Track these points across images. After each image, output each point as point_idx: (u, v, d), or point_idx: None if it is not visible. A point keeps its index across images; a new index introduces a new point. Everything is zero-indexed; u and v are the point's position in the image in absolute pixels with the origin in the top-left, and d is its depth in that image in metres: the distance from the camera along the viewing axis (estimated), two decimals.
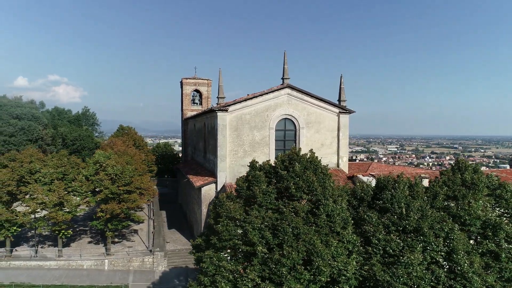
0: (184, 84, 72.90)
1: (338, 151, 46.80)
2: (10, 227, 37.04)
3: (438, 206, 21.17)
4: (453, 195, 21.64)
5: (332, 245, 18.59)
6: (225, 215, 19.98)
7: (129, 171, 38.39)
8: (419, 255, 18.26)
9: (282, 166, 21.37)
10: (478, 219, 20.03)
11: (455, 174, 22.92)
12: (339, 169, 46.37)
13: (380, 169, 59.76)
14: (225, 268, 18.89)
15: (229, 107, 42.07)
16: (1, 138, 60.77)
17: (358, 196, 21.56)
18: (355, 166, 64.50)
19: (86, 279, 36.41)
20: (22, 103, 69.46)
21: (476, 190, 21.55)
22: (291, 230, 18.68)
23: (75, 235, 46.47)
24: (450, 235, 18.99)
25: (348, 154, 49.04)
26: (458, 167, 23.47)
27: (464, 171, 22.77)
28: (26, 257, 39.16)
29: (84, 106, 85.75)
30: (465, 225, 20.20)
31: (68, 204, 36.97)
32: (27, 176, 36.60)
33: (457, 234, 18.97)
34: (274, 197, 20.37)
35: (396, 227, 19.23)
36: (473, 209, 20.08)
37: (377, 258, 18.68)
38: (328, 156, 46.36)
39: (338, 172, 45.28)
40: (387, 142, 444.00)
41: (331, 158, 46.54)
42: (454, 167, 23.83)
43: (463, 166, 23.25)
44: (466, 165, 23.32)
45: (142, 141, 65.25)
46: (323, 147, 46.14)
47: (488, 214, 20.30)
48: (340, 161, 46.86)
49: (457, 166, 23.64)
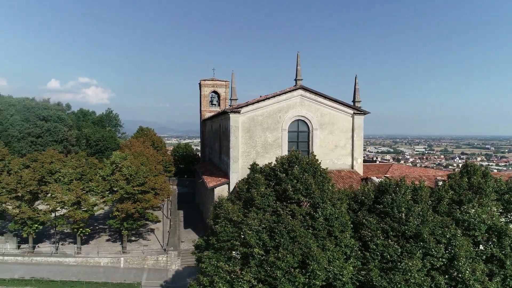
0: (202, 85, 73.89)
1: (352, 153, 46.18)
2: (32, 224, 38.80)
3: (443, 210, 20.65)
4: (458, 200, 21.04)
5: (329, 249, 18.50)
6: (223, 216, 20.27)
7: (143, 172, 39.40)
8: (418, 261, 17.89)
9: (281, 169, 21.44)
10: (483, 224, 19.39)
11: (462, 178, 22.27)
12: (354, 170, 45.77)
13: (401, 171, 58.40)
14: (222, 269, 19.15)
15: (241, 109, 42.36)
16: (29, 139, 63.65)
17: (359, 199, 21.33)
18: (374, 167, 63.35)
19: (102, 276, 37.67)
20: (49, 105, 72.47)
21: (483, 194, 20.87)
22: (288, 233, 18.73)
23: (94, 233, 48.14)
24: (452, 241, 18.49)
25: (362, 155, 48.35)
26: (467, 171, 22.78)
27: (472, 175, 22.08)
28: (47, 253, 40.96)
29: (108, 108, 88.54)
30: (470, 230, 19.61)
31: (85, 203, 38.39)
32: (48, 176, 38.26)
33: (459, 240, 18.45)
34: (272, 200, 20.47)
35: (395, 232, 18.91)
36: (478, 214, 19.46)
37: (375, 263, 18.44)
38: (342, 157, 45.88)
39: (352, 174, 44.77)
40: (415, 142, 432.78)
41: (345, 160, 46.01)
42: (463, 170, 23.15)
43: (472, 170, 22.55)
44: (475, 169, 22.60)
45: (160, 142, 66.66)
46: (337, 148, 45.68)
47: (494, 219, 19.62)
48: (355, 163, 46.22)
49: (465, 169, 22.95)
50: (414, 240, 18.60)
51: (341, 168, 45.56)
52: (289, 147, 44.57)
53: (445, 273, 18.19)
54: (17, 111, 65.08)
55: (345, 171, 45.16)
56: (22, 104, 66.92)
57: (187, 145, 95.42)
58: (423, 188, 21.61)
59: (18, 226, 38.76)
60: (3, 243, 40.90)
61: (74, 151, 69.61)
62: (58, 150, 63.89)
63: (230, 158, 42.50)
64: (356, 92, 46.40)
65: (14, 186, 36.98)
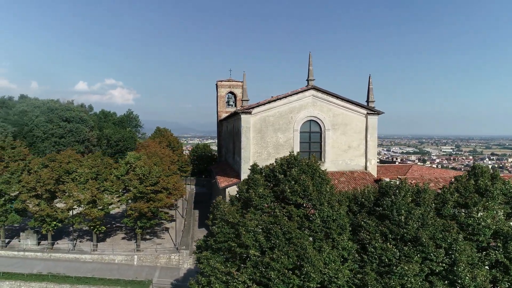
0: (218, 86, 74.57)
1: (366, 154, 45.48)
2: (51, 221, 40.34)
3: (446, 213, 20.08)
4: (464, 203, 20.40)
5: (325, 252, 18.36)
6: (219, 217, 20.47)
7: (155, 172, 40.20)
8: (416, 265, 17.48)
9: (280, 170, 21.44)
10: (487, 229, 18.74)
11: (469, 180, 21.58)
12: (367, 172, 45.08)
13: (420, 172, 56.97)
14: (219, 269, 19.35)
15: (252, 110, 42.51)
16: (52, 139, 66.12)
17: (359, 201, 21.04)
18: (393, 168, 62.08)
19: (115, 273, 38.70)
20: (72, 107, 75.02)
21: (490, 197, 20.16)
22: (283, 234, 18.72)
23: (111, 231, 49.50)
24: (453, 245, 17.96)
25: (376, 156, 47.53)
26: (474, 173, 22.05)
27: (480, 177, 21.36)
28: (65, 250, 42.48)
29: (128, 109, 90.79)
30: (474, 235, 18.99)
31: (100, 202, 39.57)
32: (65, 175, 39.67)
33: (460, 245, 17.90)
34: (270, 201, 20.50)
35: (394, 235, 18.55)
36: (483, 217, 18.82)
37: (372, 267, 18.15)
38: (356, 158, 45.28)
39: (365, 175, 44.11)
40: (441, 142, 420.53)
41: (359, 161, 45.38)
42: (470, 172, 22.43)
43: (479, 172, 21.81)
44: (483, 171, 21.85)
45: (177, 143, 67.76)
46: (350, 149, 45.13)
47: (500, 224, 18.92)
48: (368, 164, 45.50)
49: (473, 171, 22.22)
50: (412, 244, 18.18)
51: (354, 169, 44.97)
52: (301, 148, 44.42)
53: (445, 278, 17.69)
54: (42, 112, 67.74)
55: (358, 172, 44.54)
56: (46, 106, 69.59)
57: (205, 145, 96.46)
58: (427, 190, 21.07)
59: (37, 223, 40.40)
60: (24, 239, 42.70)
61: (95, 151, 71.79)
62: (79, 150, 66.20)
63: (241, 159, 42.75)
64: (370, 92, 45.67)
65: (33, 185, 38.55)
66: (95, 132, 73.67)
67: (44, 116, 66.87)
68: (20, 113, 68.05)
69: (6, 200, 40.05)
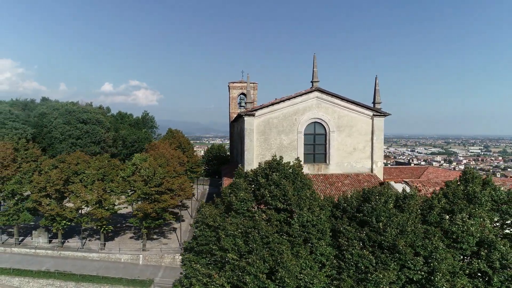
0: (230, 88, 75.06)
1: (372, 156, 44.69)
2: (61, 220, 41.78)
3: (432, 220, 19.56)
4: (450, 209, 19.80)
5: (302, 257, 18.28)
6: (201, 221, 20.72)
7: (160, 173, 40.94)
8: (392, 273, 17.13)
9: (263, 174, 21.48)
10: (471, 236, 18.12)
11: (459, 186, 20.94)
12: (373, 174, 44.28)
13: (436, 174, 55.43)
14: (199, 271, 19.62)
15: (256, 112, 42.61)
16: (69, 140, 68.36)
17: (341, 207, 20.79)
18: (408, 170, 60.70)
19: (120, 272, 39.68)
20: (89, 108, 77.28)
21: (478, 204, 19.48)
22: (261, 239, 18.77)
23: (120, 230, 50.75)
24: (434, 254, 17.48)
25: (383, 158, 46.56)
26: (465, 178, 21.36)
27: (470, 183, 20.67)
28: (74, 248, 43.90)
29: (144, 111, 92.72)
30: (457, 242, 18.41)
31: (106, 203, 40.69)
32: (73, 176, 41.01)
33: (440, 253, 17.41)
34: (251, 205, 20.58)
35: (372, 242, 18.25)
36: (467, 225, 18.22)
37: (349, 273, 17.92)
38: (361, 161, 44.59)
39: (370, 177, 43.35)
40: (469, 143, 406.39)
41: (365, 163, 44.66)
42: (461, 177, 21.74)
43: (470, 177, 21.10)
44: (474, 176, 21.12)
45: (188, 144, 68.67)
46: (355, 151, 44.48)
47: (485, 232, 18.25)
48: (374, 166, 44.70)
49: (464, 177, 21.53)
50: (390, 251, 17.83)
51: (360, 172, 44.29)
52: (305, 150, 44.18)
53: (423, 287, 17.24)
54: (60, 114, 70.14)
55: (363, 174, 43.83)
56: (64, 108, 72.01)
57: (220, 146, 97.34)
58: (414, 196, 20.61)
59: (48, 222, 41.96)
60: (36, 237, 44.45)
61: (111, 152, 73.70)
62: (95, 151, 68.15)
63: (244, 161, 42.93)
64: (376, 93, 44.87)
65: (43, 185, 40.05)
66: (111, 133, 75.62)
67: (62, 118, 69.22)
68: (40, 115, 70.75)
69: (18, 199, 41.77)
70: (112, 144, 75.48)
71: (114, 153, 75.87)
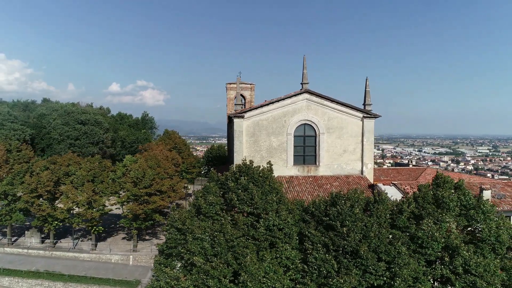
0: (228, 88, 75.10)
1: (362, 158, 44.44)
2: (53, 221, 42.34)
3: (401, 225, 19.47)
4: (419, 214, 19.69)
5: (266, 260, 18.33)
6: (170, 224, 20.89)
7: (149, 175, 41.25)
8: (354, 278, 17.11)
9: (233, 178, 21.57)
10: (435, 242, 18.00)
11: (429, 191, 20.81)
12: (363, 176, 44.05)
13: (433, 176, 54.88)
14: (168, 274, 19.79)
15: (245, 114, 42.68)
16: (67, 141, 69.21)
17: (309, 211, 20.79)
18: (406, 171, 60.23)
19: (109, 272, 40.07)
20: (88, 109, 78.13)
21: (446, 209, 19.34)
22: (226, 242, 18.86)
23: (113, 231, 51.24)
24: (396, 259, 17.41)
25: (373, 160, 46.29)
26: (437, 183, 21.21)
27: (441, 187, 20.53)
28: (66, 248, 44.46)
29: (144, 111, 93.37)
30: (422, 248, 18.32)
31: (96, 204, 41.13)
32: (64, 177, 41.53)
33: (403, 258, 17.34)
34: (219, 208, 20.68)
35: (335, 246, 18.24)
36: (431, 230, 18.11)
37: (312, 278, 17.94)
38: (351, 162, 44.35)
39: (360, 179, 43.14)
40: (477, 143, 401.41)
41: (355, 165, 44.42)
42: (433, 182, 21.60)
43: (441, 182, 20.95)
44: (445, 180, 20.96)
45: (183, 145, 69.02)
46: (345, 153, 44.29)
47: (451, 237, 18.11)
48: (364, 168, 44.44)
49: (436, 181, 21.39)
50: (352, 256, 17.80)
51: (350, 174, 44.07)
52: (295, 152, 44.10)
53: None
54: (59, 115, 71.04)
55: (353, 176, 43.61)
56: (63, 109, 72.91)
57: (220, 146, 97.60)
58: (384, 200, 20.53)
59: (40, 223, 42.55)
60: (29, 237, 45.10)
61: (110, 152, 74.43)
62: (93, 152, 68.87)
63: (234, 162, 43.02)
64: (367, 94, 44.63)
65: (34, 186, 40.62)
66: (109, 134, 76.33)
67: (61, 119, 70.09)
68: (39, 116, 71.74)
69: (10, 200, 42.42)
70: (111, 145, 76.18)
71: (112, 153, 76.60)
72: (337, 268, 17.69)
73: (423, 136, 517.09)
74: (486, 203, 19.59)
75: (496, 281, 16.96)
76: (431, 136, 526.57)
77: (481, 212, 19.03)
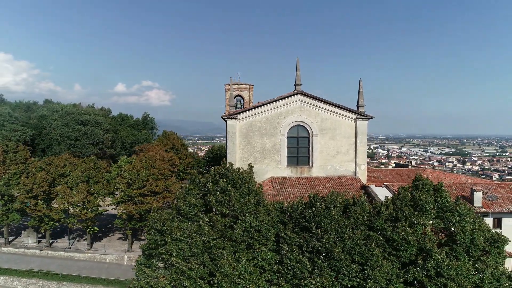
0: (226, 89, 75.35)
1: (355, 159, 44.46)
2: (48, 221, 42.96)
3: (377, 227, 19.54)
4: (396, 216, 19.76)
5: (241, 261, 18.53)
6: (150, 225, 21.20)
7: (142, 176, 41.66)
8: (327, 279, 17.24)
9: (213, 180, 21.80)
10: (409, 244, 18.07)
11: (411, 193, 20.86)
12: (356, 177, 44.05)
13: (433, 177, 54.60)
14: (147, 274, 20.11)
15: (238, 115, 42.92)
16: (68, 142, 69.96)
17: (288, 212, 20.95)
18: (405, 172, 60.01)
19: (103, 272, 40.58)
20: (88, 110, 78.86)
21: (422, 211, 19.38)
22: (203, 243, 19.10)
23: (110, 231, 51.78)
24: (370, 261, 17.52)
25: (366, 161, 46.26)
26: (415, 185, 21.25)
27: (419, 189, 20.57)
28: (62, 248, 45.06)
29: (144, 112, 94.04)
30: (397, 250, 18.40)
31: (90, 204, 41.63)
32: (59, 178, 42.10)
33: (377, 260, 17.43)
34: (198, 210, 20.93)
35: (310, 248, 18.39)
36: (406, 233, 18.18)
37: (287, 279, 18.11)
38: (345, 164, 44.38)
39: (353, 180, 43.16)
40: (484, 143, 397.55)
41: (348, 166, 44.42)
42: (412, 184, 21.65)
43: (420, 184, 20.98)
44: (424, 183, 21.00)
45: (181, 146, 69.44)
46: (338, 154, 44.33)
47: (426, 240, 18.17)
48: (358, 169, 44.43)
49: (415, 183, 21.43)
50: (326, 258, 17.94)
51: (343, 175, 44.10)
52: (289, 153, 44.24)
53: None
54: (60, 116, 71.84)
55: (346, 177, 43.64)
56: (64, 110, 73.71)
57: (220, 146, 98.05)
58: (363, 202, 20.62)
59: (36, 223, 43.18)
60: (25, 237, 45.76)
61: (110, 153, 75.11)
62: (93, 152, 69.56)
63: (227, 164, 43.26)
64: (360, 96, 44.62)
65: (30, 187, 41.24)
66: (109, 135, 76.99)
67: (61, 120, 70.87)
68: (40, 117, 72.62)
69: (6, 200, 43.10)
70: (111, 146, 76.84)
71: (112, 154, 77.29)
72: (311, 269, 17.84)
73: (429, 136, 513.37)
74: (463, 206, 19.61)
75: (467, 284, 16.98)
76: (438, 136, 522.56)
77: (457, 215, 19.05)
